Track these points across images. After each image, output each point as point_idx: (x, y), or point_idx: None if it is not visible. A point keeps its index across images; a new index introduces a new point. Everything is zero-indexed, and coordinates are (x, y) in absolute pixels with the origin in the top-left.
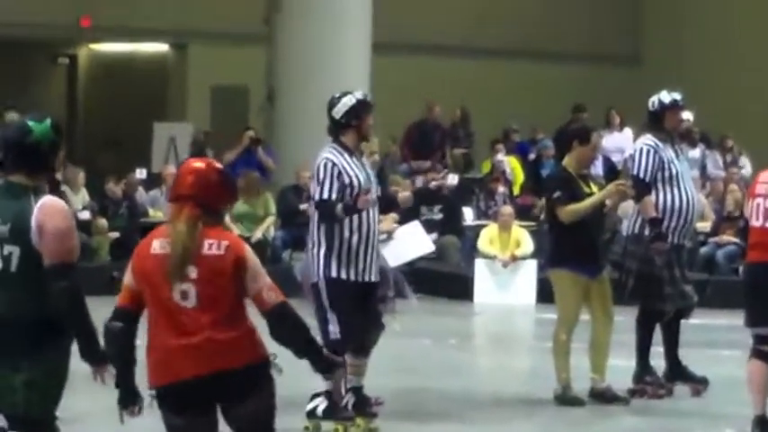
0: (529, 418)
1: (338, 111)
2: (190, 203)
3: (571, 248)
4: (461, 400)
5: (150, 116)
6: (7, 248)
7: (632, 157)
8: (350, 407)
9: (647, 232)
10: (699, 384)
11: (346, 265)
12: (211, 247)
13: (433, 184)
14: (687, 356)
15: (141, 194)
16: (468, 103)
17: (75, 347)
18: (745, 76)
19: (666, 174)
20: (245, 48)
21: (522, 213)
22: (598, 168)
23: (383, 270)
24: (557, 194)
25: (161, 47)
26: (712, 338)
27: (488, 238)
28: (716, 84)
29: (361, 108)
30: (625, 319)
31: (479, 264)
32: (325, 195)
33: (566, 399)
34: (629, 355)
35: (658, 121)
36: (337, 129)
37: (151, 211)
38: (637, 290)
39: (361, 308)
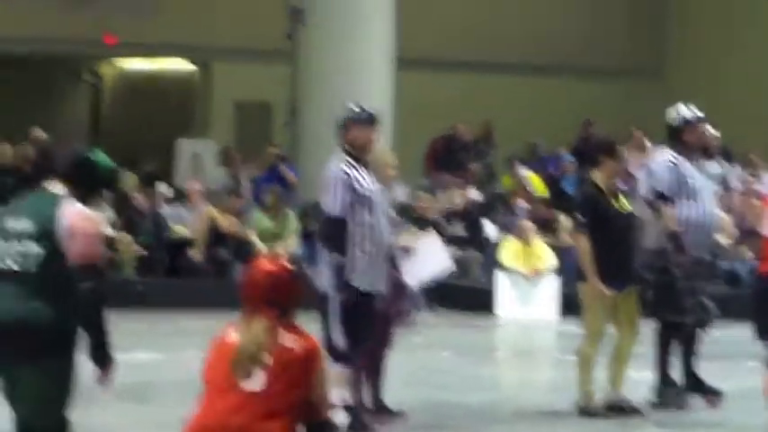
0: (551, 431)
1: (341, 120)
2: (264, 307)
3: (600, 262)
4: (483, 414)
5: (174, 133)
6: (29, 247)
7: (651, 171)
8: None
9: (666, 245)
10: (714, 396)
11: (358, 275)
12: (289, 341)
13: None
14: (710, 368)
15: (165, 209)
16: (491, 119)
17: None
18: (766, 92)
19: (685, 188)
20: (269, 64)
21: (544, 228)
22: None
23: (402, 284)
24: (579, 218)
25: (185, 64)
26: (735, 350)
27: (511, 253)
28: (739, 99)
29: (348, 120)
30: (642, 331)
31: (501, 277)
32: (336, 211)
33: (590, 411)
34: (645, 367)
35: (677, 136)
36: (339, 140)
37: (174, 227)
38: (656, 302)
39: (370, 319)
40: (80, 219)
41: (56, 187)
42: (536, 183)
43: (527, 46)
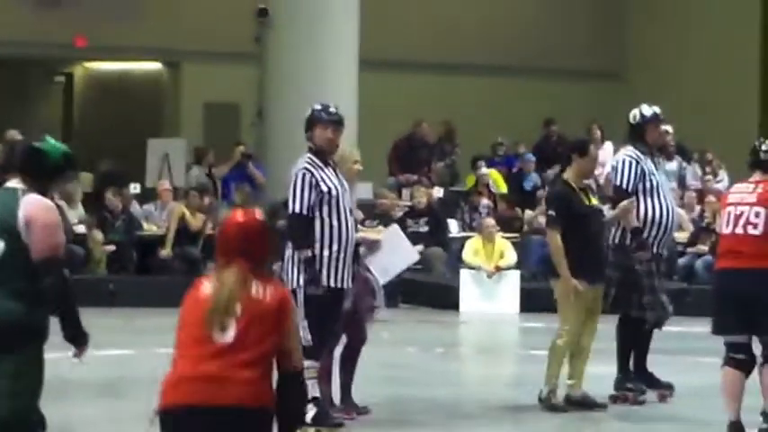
0: (515, 425)
1: (304, 123)
2: (238, 260)
3: (574, 258)
4: (448, 408)
5: (145, 132)
6: None
7: (614, 168)
8: (309, 419)
9: (628, 242)
10: (665, 390)
11: (325, 272)
12: (258, 292)
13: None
14: (667, 363)
15: (136, 208)
16: (453, 119)
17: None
18: (723, 92)
19: (647, 185)
20: (237, 66)
21: (505, 225)
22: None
23: (369, 281)
24: (551, 213)
25: (155, 65)
26: (692, 346)
27: (473, 250)
28: (695, 99)
29: (312, 119)
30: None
31: (464, 274)
32: (297, 208)
33: (553, 405)
34: (606, 363)
35: (639, 134)
36: (306, 139)
37: (145, 225)
38: (619, 299)
39: (335, 314)
40: (37, 209)
41: (16, 182)
42: (498, 181)
43: (489, 47)
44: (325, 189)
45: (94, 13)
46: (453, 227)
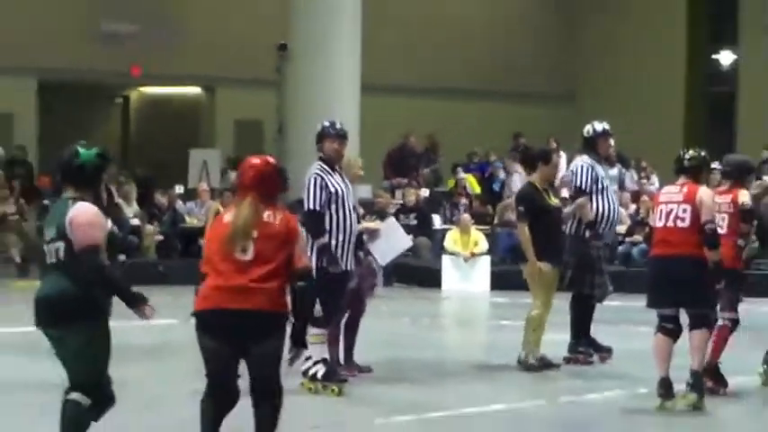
0: (488, 381)
1: (318, 134)
2: (252, 193)
3: (539, 245)
4: (434, 367)
5: (187, 144)
6: (56, 245)
7: (573, 172)
8: (319, 376)
9: (582, 232)
10: (605, 353)
11: (333, 257)
12: (269, 217)
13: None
14: (608, 332)
15: (180, 205)
16: (436, 133)
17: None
18: (654, 111)
19: (599, 186)
20: (261, 90)
21: (479, 219)
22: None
23: (371, 264)
24: (520, 209)
25: (195, 89)
26: (629, 318)
27: (452, 239)
28: (632, 117)
29: (322, 134)
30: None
31: (446, 259)
32: (311, 205)
33: (531, 366)
34: (558, 332)
35: (591, 145)
36: (317, 150)
37: (188, 219)
38: (574, 279)
39: (341, 290)
40: (78, 213)
41: (70, 193)
42: (473, 183)
43: (466, 75)
44: (333, 190)
45: (147, 48)
46: (437, 221)
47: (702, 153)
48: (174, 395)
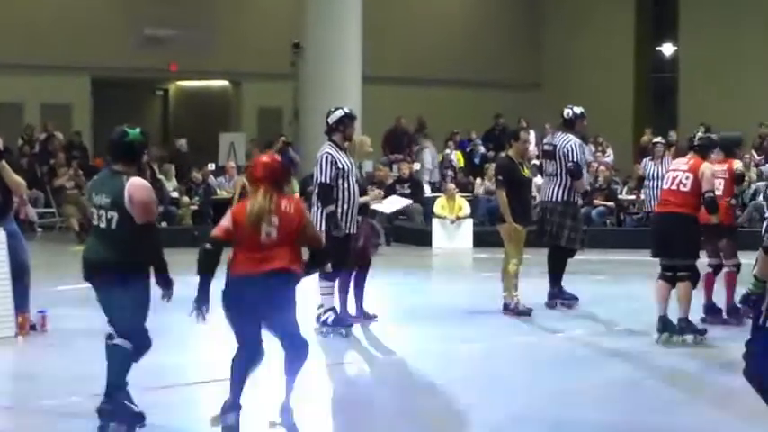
0: (472, 323)
1: (332, 119)
2: (264, 183)
3: (513, 209)
4: (424, 311)
5: (217, 128)
6: (110, 213)
7: (570, 149)
8: (329, 321)
9: (575, 199)
10: (572, 301)
11: (339, 222)
12: (286, 207)
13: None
14: (574, 281)
15: (212, 180)
16: (424, 116)
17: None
18: (608, 94)
19: (584, 160)
20: (280, 82)
21: (463, 188)
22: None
23: (375, 227)
24: (499, 178)
25: (224, 83)
26: (591, 269)
27: (440, 205)
28: (590, 101)
29: (346, 119)
30: (532, 257)
31: (435, 222)
32: (323, 179)
33: (515, 309)
34: (536, 281)
35: (570, 125)
36: (330, 131)
37: (218, 191)
38: (561, 235)
39: (347, 250)
40: (136, 189)
41: (120, 167)
42: (458, 158)
43: (449, 67)
44: (341, 166)
45: (183, 47)
46: (427, 189)
47: (710, 135)
48: (203, 339)
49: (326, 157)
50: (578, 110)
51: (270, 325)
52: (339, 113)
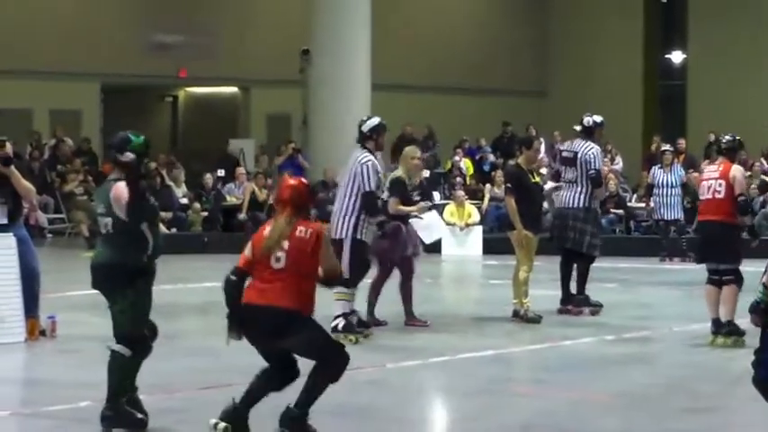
0: (480, 330)
1: (366, 127)
2: (288, 207)
3: (523, 216)
4: (436, 319)
5: (227, 135)
6: (105, 220)
7: (593, 156)
8: (340, 327)
9: (595, 206)
10: (596, 308)
11: (364, 231)
12: (301, 232)
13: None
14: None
15: (221, 186)
16: (433, 123)
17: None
18: (616, 102)
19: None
20: (288, 89)
21: (471, 195)
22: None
23: (415, 234)
24: (508, 185)
25: (232, 89)
26: (601, 276)
27: (450, 212)
28: (597, 108)
29: (380, 128)
30: (542, 264)
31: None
32: (369, 187)
33: (524, 316)
34: (545, 288)
35: (590, 133)
36: (364, 139)
37: (228, 198)
38: (593, 244)
39: (367, 258)
40: (115, 191)
41: (115, 174)
42: (467, 165)
43: (457, 75)
44: (380, 175)
45: (192, 54)
46: (437, 196)
47: (737, 137)
48: (217, 346)
49: (371, 164)
50: (598, 118)
51: (290, 349)
52: (374, 122)
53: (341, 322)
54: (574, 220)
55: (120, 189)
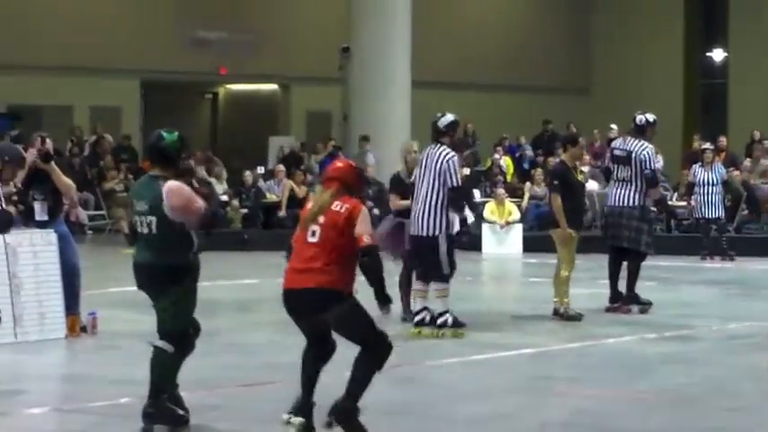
0: (520, 328)
1: (442, 122)
2: (336, 183)
3: (567, 214)
4: (475, 317)
5: (267, 132)
6: (149, 218)
7: (648, 156)
8: (449, 323)
9: (649, 205)
10: (645, 306)
11: (452, 224)
12: (337, 206)
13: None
14: (624, 286)
15: (261, 184)
16: (474, 121)
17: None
18: (657, 99)
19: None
20: (328, 86)
21: (511, 193)
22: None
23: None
24: (554, 183)
25: (273, 86)
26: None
27: (490, 210)
28: (637, 105)
29: (456, 124)
30: (581, 262)
31: (485, 227)
32: (456, 183)
33: (565, 315)
34: (586, 286)
35: (642, 132)
36: (439, 135)
37: (268, 195)
38: (650, 242)
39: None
40: (173, 195)
41: (157, 171)
42: (507, 163)
43: (497, 71)
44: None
45: (233, 51)
46: (477, 194)
47: None
48: (257, 342)
49: (455, 159)
50: (651, 117)
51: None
52: (450, 118)
53: (449, 318)
54: (629, 219)
55: (177, 191)
